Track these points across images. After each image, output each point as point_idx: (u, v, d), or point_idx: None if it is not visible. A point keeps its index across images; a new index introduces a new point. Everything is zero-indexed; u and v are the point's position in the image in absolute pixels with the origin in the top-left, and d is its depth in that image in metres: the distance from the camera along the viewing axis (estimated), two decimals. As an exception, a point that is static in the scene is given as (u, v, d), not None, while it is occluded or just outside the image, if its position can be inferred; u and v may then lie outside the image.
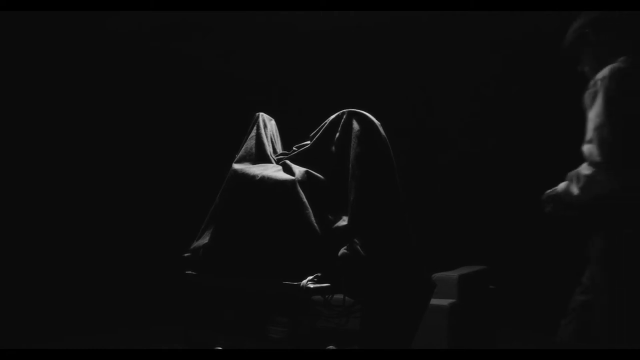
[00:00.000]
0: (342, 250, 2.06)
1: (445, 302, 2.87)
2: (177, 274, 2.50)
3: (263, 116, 2.51)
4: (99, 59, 4.22)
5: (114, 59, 4.26)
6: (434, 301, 2.34)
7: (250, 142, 2.44)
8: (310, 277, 2.05)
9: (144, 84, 4.36)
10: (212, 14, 3.87)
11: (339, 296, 2.20)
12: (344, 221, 2.14)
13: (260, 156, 2.40)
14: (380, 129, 2.21)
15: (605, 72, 1.80)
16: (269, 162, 2.38)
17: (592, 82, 1.82)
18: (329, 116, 2.34)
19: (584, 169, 1.78)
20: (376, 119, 2.23)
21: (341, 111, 2.29)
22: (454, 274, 3.03)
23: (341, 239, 2.10)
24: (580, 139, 1.79)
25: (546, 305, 3.69)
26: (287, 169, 2.28)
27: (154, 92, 4.42)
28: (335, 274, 2.07)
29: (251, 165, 2.36)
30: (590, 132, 1.78)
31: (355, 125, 2.20)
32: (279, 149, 2.51)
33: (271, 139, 2.48)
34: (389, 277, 2.11)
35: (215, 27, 4.14)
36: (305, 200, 2.16)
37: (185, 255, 2.46)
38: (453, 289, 2.94)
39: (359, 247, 2.06)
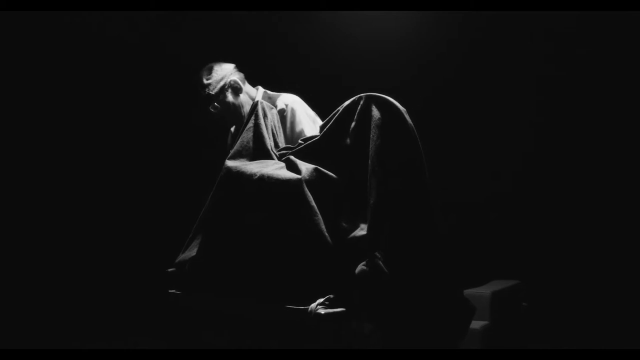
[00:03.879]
0: (360, 267, 1.66)
1: (476, 324, 2.45)
2: (160, 292, 2.11)
3: (262, 104, 2.10)
4: (88, 60, 4.05)
5: (104, 60, 4.07)
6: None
7: (247, 135, 2.04)
8: (321, 300, 1.66)
9: (137, 83, 4.11)
10: (206, 14, 3.74)
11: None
12: (362, 230, 1.74)
13: (259, 151, 2.00)
14: (407, 116, 1.80)
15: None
16: (270, 157, 1.98)
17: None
18: (342, 102, 1.94)
19: None
20: (401, 105, 1.82)
21: (357, 96, 1.88)
22: (485, 290, 2.62)
23: (359, 252, 1.70)
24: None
25: (584, 323, 3.32)
26: (292, 166, 1.88)
27: (146, 91, 4.17)
28: (351, 296, 1.67)
29: (248, 162, 1.97)
30: None
31: (375, 112, 1.80)
32: (282, 143, 2.11)
33: (272, 130, 2.07)
34: (417, 299, 1.70)
35: (212, 27, 3.93)
36: (313, 203, 1.77)
37: (169, 270, 2.07)
38: (485, 309, 2.53)
39: (380, 262, 1.65)
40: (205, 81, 2.36)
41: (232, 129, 2.62)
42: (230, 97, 2.40)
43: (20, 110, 3.92)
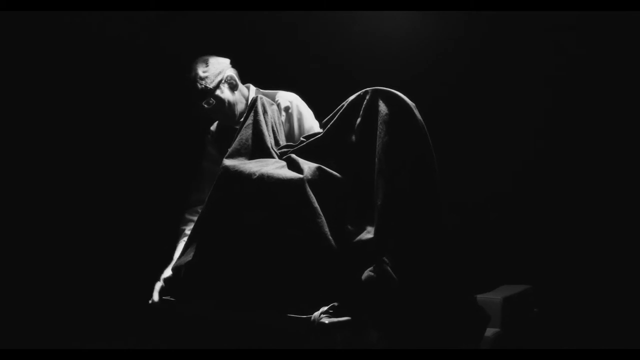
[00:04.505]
0: (367, 272, 1.55)
1: (488, 332, 2.33)
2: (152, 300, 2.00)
3: (262, 100, 1.99)
4: (88, 60, 3.99)
5: (104, 60, 4.01)
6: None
7: (246, 132, 1.92)
8: (325, 309, 1.55)
9: (137, 83, 4.04)
10: (207, 14, 3.66)
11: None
12: (368, 233, 1.63)
13: (259, 149, 1.89)
14: (416, 111, 1.69)
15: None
16: (270, 156, 1.87)
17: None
18: (347, 97, 1.83)
19: None
20: (410, 99, 1.72)
21: (363, 90, 1.77)
22: (496, 296, 2.50)
23: (365, 256, 1.59)
24: None
25: (599, 328, 3.21)
26: (293, 165, 1.77)
27: (145, 91, 4.09)
28: (358, 304, 1.56)
29: (247, 161, 1.86)
30: None
31: (382, 107, 1.69)
32: (282, 141, 2.00)
33: (272, 127, 1.96)
34: (428, 307, 1.59)
35: (211, 26, 3.87)
36: (316, 205, 1.66)
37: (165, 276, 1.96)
38: (496, 315, 2.41)
39: (389, 268, 1.54)
40: (201, 73, 2.20)
41: (213, 127, 2.49)
42: (226, 92, 2.26)
43: (20, 110, 3.85)
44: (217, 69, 2.23)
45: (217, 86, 2.23)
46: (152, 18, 3.85)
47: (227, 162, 1.86)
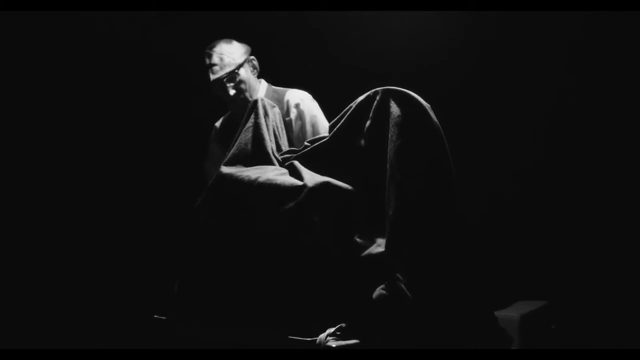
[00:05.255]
0: (379, 290, 1.42)
1: (505, 352, 2.19)
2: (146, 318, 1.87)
3: (263, 101, 1.86)
4: (88, 59, 3.93)
5: (104, 60, 3.95)
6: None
7: (245, 136, 1.79)
8: (331, 330, 1.42)
9: (138, 84, 3.97)
10: (207, 14, 3.57)
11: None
12: (379, 246, 1.49)
13: (259, 154, 1.76)
14: (431, 113, 1.56)
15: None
16: (270, 162, 1.74)
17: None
18: (354, 98, 1.69)
19: None
20: (424, 100, 1.58)
21: (373, 90, 1.63)
22: (513, 313, 2.36)
23: (376, 272, 1.45)
24: None
25: (622, 346, 3.06)
26: (295, 172, 1.64)
27: (145, 91, 4.02)
28: (368, 325, 1.42)
29: (245, 168, 1.72)
30: None
31: (395, 108, 1.55)
32: (285, 145, 1.86)
33: (274, 131, 1.83)
34: (446, 329, 1.44)
35: (210, 26, 3.82)
36: (320, 215, 1.53)
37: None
38: (514, 334, 2.26)
39: (403, 285, 1.40)
40: (228, 48, 2.22)
41: (218, 123, 2.45)
42: (249, 73, 2.27)
43: (21, 111, 3.80)
44: (242, 49, 2.27)
45: (243, 64, 2.23)
46: (152, 18, 3.80)
47: (224, 169, 1.74)
